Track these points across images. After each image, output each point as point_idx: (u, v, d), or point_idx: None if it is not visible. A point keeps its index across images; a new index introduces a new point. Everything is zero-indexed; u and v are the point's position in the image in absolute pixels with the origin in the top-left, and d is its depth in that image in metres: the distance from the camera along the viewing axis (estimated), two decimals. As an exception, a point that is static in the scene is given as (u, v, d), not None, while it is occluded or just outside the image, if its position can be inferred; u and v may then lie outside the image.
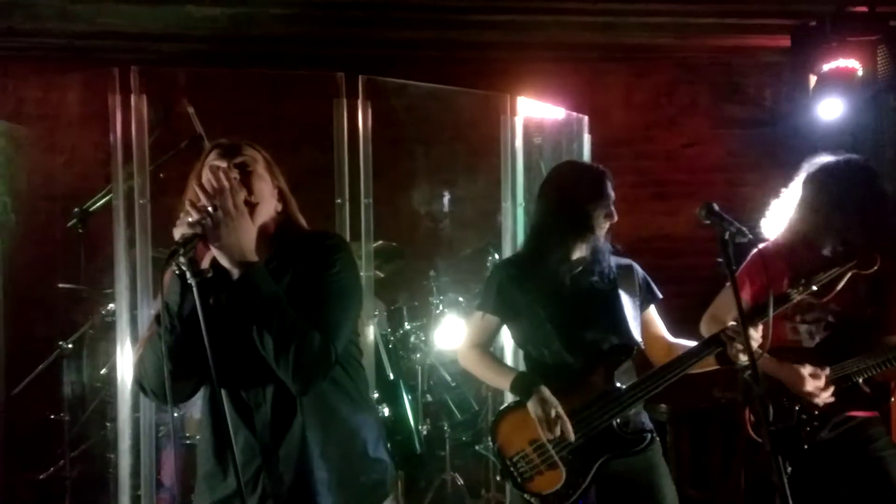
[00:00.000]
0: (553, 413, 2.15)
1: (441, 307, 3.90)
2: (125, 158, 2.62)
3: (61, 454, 3.27)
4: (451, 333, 3.87)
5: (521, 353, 2.46)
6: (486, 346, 2.40)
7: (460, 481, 3.69)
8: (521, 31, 3.62)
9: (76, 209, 3.15)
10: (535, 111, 3.53)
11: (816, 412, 2.29)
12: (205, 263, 1.50)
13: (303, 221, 1.75)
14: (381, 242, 3.55)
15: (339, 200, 2.79)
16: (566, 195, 2.24)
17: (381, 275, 3.63)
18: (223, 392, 1.59)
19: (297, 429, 1.63)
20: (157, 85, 2.67)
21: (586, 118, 3.62)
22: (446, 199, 4.31)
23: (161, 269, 1.45)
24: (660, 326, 2.35)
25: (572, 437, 2.16)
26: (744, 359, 2.01)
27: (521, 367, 2.46)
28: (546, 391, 2.19)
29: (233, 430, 1.60)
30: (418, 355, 3.78)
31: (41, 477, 3.39)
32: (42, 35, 3.61)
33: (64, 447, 3.24)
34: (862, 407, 2.32)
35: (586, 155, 3.62)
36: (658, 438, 2.32)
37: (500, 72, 4.14)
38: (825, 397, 2.23)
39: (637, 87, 4.76)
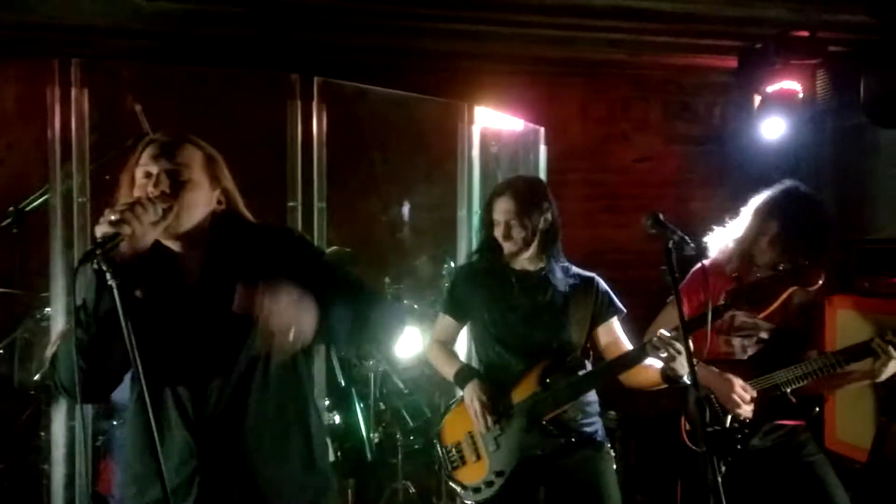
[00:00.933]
0: (478, 405, 2.26)
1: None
2: (64, 155, 2.51)
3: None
4: (405, 340, 3.84)
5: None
6: (447, 343, 2.52)
7: (412, 489, 3.66)
8: (482, 41, 3.62)
9: (11, 208, 3.03)
10: (493, 121, 3.55)
11: (747, 420, 2.38)
12: (128, 262, 1.41)
13: (248, 216, 1.69)
14: (334, 248, 3.50)
15: (291, 203, 2.74)
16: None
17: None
18: (167, 390, 1.55)
19: (240, 430, 1.57)
20: (100, 80, 2.57)
21: (543, 130, 3.66)
22: (406, 207, 4.28)
23: (75, 267, 1.38)
24: (620, 338, 2.40)
25: (486, 427, 2.26)
26: (680, 371, 2.09)
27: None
28: (478, 383, 2.30)
29: (168, 428, 1.55)
30: (371, 362, 3.72)
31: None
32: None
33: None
34: (790, 416, 2.43)
35: (542, 166, 3.65)
36: (608, 445, 2.41)
37: (460, 81, 4.14)
38: (745, 411, 2.33)
39: (593, 102, 4.82)
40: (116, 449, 3.15)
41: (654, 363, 2.24)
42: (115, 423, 3.12)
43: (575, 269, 2.42)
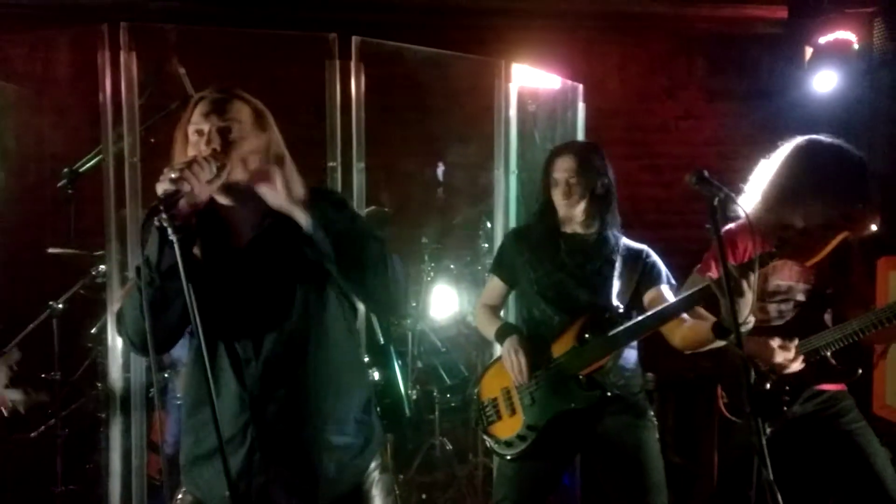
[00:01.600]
0: (514, 358, 2.30)
1: (432, 274, 3.92)
2: (115, 118, 2.59)
3: (52, 413, 3.28)
4: (442, 300, 3.90)
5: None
6: (495, 306, 2.57)
7: (448, 446, 3.75)
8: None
9: (65, 170, 3.13)
10: (531, 79, 3.51)
11: (787, 387, 2.33)
12: (187, 220, 1.47)
13: (296, 173, 1.70)
14: (372, 208, 3.55)
15: (331, 164, 2.78)
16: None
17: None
18: (221, 344, 1.62)
19: (289, 385, 1.64)
20: (147, 43, 2.63)
21: (581, 87, 3.60)
22: (440, 167, 4.30)
23: (141, 223, 1.45)
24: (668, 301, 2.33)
25: (523, 379, 2.30)
26: (744, 310, 1.95)
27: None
28: (517, 338, 2.35)
29: (223, 382, 1.62)
30: (409, 321, 3.80)
31: (32, 435, 3.40)
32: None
33: (56, 406, 3.25)
34: (831, 380, 2.37)
35: (580, 124, 3.61)
36: (651, 413, 2.40)
37: (496, 39, 4.09)
38: (795, 367, 2.27)
39: (632, 58, 4.72)
40: (168, 400, 3.32)
41: (705, 317, 2.24)
42: (166, 375, 3.28)
43: (626, 241, 2.43)
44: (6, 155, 3.18)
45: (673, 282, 2.40)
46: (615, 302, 2.33)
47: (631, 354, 2.40)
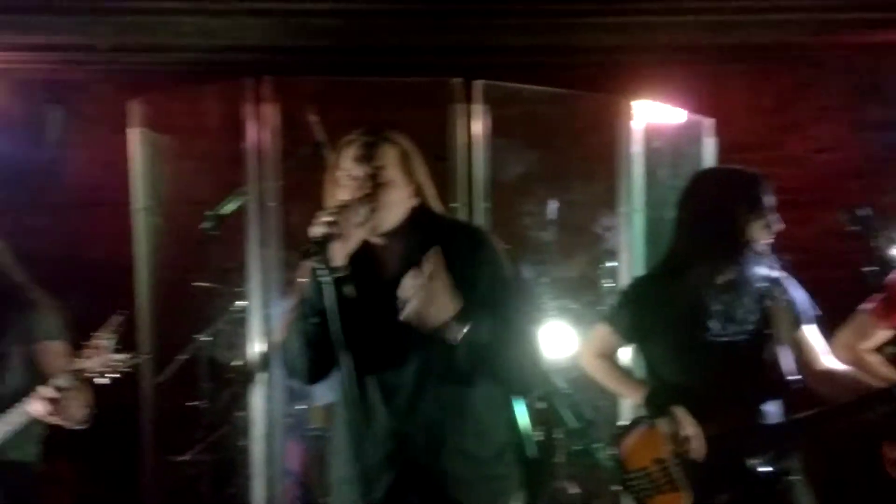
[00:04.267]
0: (686, 434, 2.04)
1: (553, 314, 3.87)
2: (258, 164, 2.80)
3: (198, 439, 3.50)
4: (562, 340, 3.84)
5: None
6: (611, 357, 2.33)
7: (573, 490, 3.64)
8: (640, 33, 3.54)
9: (209, 213, 3.40)
10: (655, 115, 3.45)
11: None
12: (339, 260, 1.55)
13: (440, 208, 1.78)
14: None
15: (455, 204, 2.84)
16: (712, 204, 2.08)
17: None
18: (369, 373, 1.68)
19: (433, 418, 1.67)
20: (285, 94, 2.82)
21: (710, 121, 3.50)
22: (555, 206, 4.29)
23: (297, 263, 1.55)
24: (811, 350, 2.14)
25: (700, 456, 2.04)
26: None
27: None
28: (682, 411, 2.07)
29: (372, 410, 1.68)
30: (530, 362, 3.75)
31: (180, 459, 3.65)
32: (182, 50, 3.91)
33: (202, 433, 3.47)
34: None
35: (708, 161, 3.49)
36: (798, 479, 2.12)
37: (618, 76, 4.05)
38: None
39: (763, 90, 4.52)
40: (301, 431, 3.45)
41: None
42: (300, 406, 3.42)
43: (764, 271, 2.15)
44: (160, 200, 3.49)
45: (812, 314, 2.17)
46: (785, 368, 2.10)
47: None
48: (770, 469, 2.04)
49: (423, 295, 1.53)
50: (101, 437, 2.18)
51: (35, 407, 2.10)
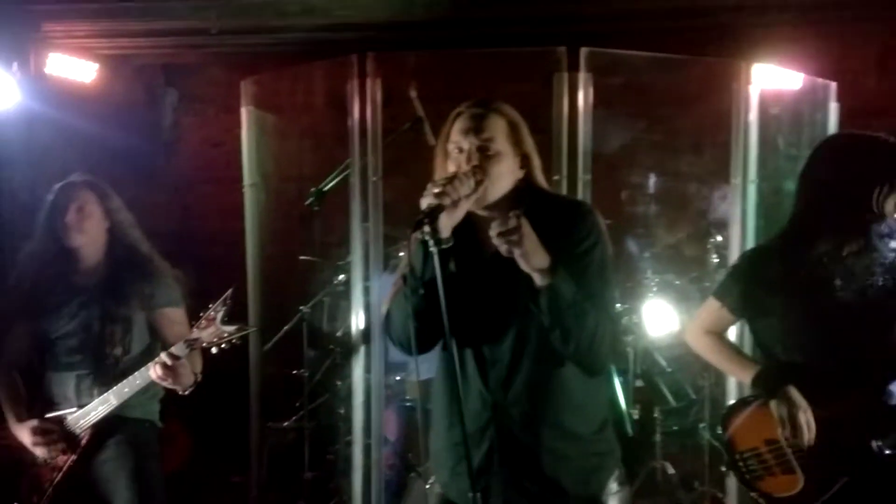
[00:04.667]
0: (801, 417, 1.96)
1: (655, 289, 3.75)
2: (361, 140, 2.83)
3: (300, 407, 3.65)
4: (665, 317, 3.72)
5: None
6: (721, 334, 2.25)
7: (671, 470, 3.56)
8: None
9: (313, 189, 3.49)
10: (772, 80, 3.24)
11: None
12: (446, 232, 1.56)
13: (544, 183, 1.77)
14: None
15: (556, 177, 2.77)
16: (844, 174, 1.95)
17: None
18: (468, 345, 1.69)
19: (529, 392, 1.67)
20: (388, 70, 2.83)
21: (834, 85, 3.23)
22: (657, 179, 4.13)
23: (395, 237, 1.56)
24: None
25: (809, 441, 1.96)
26: None
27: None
28: (795, 391, 1.99)
29: (469, 381, 1.70)
30: (630, 338, 3.67)
31: (285, 425, 3.82)
32: (286, 31, 4.01)
33: (303, 400, 3.61)
34: None
35: (832, 127, 3.23)
36: None
37: (733, 38, 3.83)
38: None
39: (892, 49, 4.15)
40: (397, 401, 3.53)
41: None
42: (398, 377, 3.49)
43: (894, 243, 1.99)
44: (266, 177, 3.61)
45: None
46: None
47: None
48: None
49: (518, 237, 1.52)
50: (212, 402, 2.28)
51: (153, 371, 2.24)
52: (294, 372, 3.66)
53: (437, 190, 1.52)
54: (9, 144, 3.63)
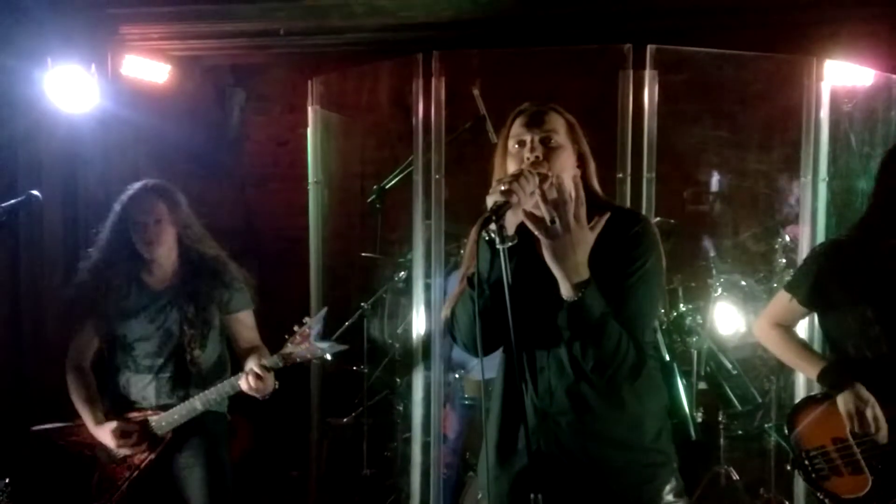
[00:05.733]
0: (869, 413, 1.94)
1: (720, 290, 3.67)
2: (425, 138, 2.87)
3: (359, 403, 3.70)
4: (730, 318, 3.64)
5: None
6: (790, 327, 2.24)
7: (735, 475, 3.48)
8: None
9: (375, 187, 3.55)
10: (844, 76, 3.13)
11: None
12: (510, 230, 1.56)
13: (597, 187, 1.76)
14: (658, 219, 3.43)
15: (620, 175, 2.75)
16: None
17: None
18: (523, 350, 1.68)
19: (573, 402, 1.65)
20: (451, 68, 2.86)
21: (908, 81, 3.11)
22: (716, 177, 4.03)
23: (476, 232, 1.56)
24: None
25: (884, 439, 1.93)
26: None
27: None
28: (862, 387, 1.98)
29: (525, 385, 1.69)
30: (694, 339, 3.60)
31: (344, 421, 3.87)
32: (352, 31, 4.08)
33: (362, 397, 3.67)
34: None
35: (908, 124, 3.12)
36: None
37: (802, 35, 3.71)
38: None
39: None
40: (455, 399, 3.55)
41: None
42: (456, 375, 3.51)
43: None
44: (329, 175, 3.69)
45: None
46: None
47: None
48: None
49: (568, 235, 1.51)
50: (272, 397, 2.36)
51: (244, 382, 2.31)
52: (354, 368, 3.72)
53: (503, 187, 1.51)
54: (86, 145, 3.76)
